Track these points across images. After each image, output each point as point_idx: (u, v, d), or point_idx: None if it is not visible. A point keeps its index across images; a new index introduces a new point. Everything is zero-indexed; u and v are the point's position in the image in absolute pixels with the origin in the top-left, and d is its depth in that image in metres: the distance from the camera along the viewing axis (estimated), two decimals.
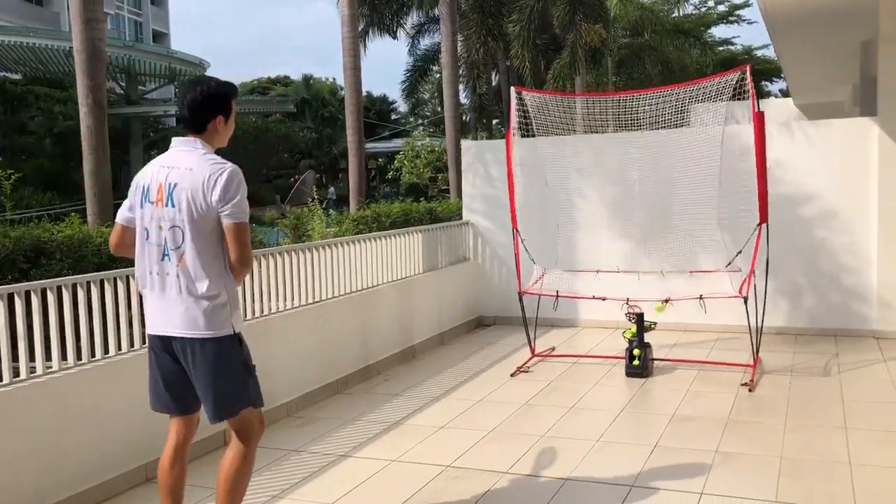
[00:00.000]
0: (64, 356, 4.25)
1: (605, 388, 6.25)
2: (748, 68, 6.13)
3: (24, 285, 4.14)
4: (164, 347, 3.34)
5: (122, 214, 3.46)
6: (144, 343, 4.15)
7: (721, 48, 35.66)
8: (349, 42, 11.51)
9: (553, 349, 7.53)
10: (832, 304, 7.81)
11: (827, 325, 7.81)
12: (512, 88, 7.31)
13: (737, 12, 37.30)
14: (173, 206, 3.22)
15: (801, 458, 4.53)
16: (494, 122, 31.13)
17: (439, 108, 41.84)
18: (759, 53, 38.52)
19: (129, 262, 3.53)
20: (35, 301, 4.12)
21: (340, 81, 56.19)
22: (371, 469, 4.61)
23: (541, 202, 7.68)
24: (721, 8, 36.33)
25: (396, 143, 42.39)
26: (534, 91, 7.54)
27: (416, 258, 7.96)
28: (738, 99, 7.12)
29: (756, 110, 6.09)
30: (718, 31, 38.56)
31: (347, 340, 6.65)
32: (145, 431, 4.41)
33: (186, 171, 3.23)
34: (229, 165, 3.23)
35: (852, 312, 7.74)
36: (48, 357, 4.21)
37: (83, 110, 7.27)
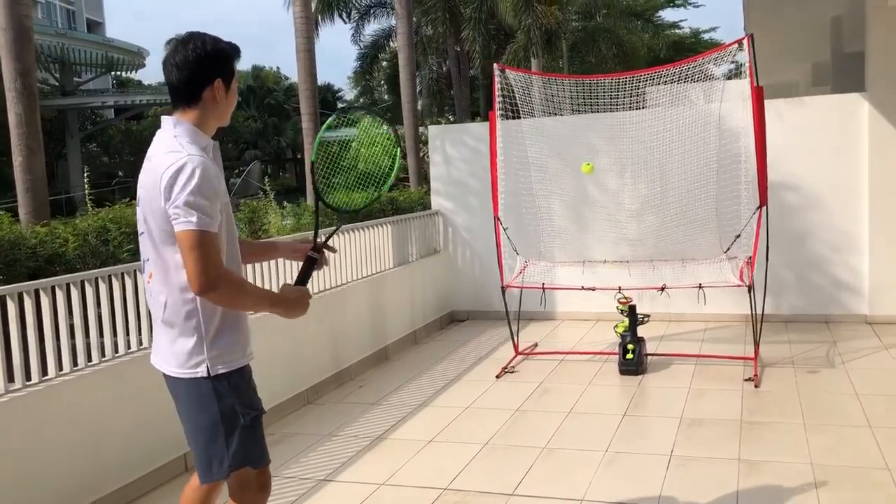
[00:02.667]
0: (102, 352, 4.19)
1: (601, 388, 5.79)
2: (748, 39, 5.70)
3: (52, 280, 3.99)
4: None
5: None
6: None
7: (668, 31, 35.67)
8: (302, 23, 10.81)
9: (536, 346, 7.05)
10: (821, 289, 7.49)
11: (817, 311, 7.49)
12: (495, 66, 6.77)
13: None
14: (139, 207, 2.53)
15: (833, 464, 4.12)
16: (443, 108, 30.61)
17: (386, 96, 41.10)
18: (706, 37, 38.76)
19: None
20: (60, 296, 3.86)
21: (284, 70, 55.03)
22: (358, 496, 4.05)
23: (520, 189, 7.17)
24: None
25: (345, 131, 41.51)
26: (518, 70, 7.00)
27: (386, 252, 7.40)
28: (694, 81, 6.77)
29: (755, 84, 5.66)
30: (665, 15, 38.54)
31: (317, 344, 6.07)
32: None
33: (148, 162, 2.49)
34: (184, 154, 2.37)
35: (843, 298, 7.44)
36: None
37: (10, 96, 6.48)
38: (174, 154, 2.39)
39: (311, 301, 2.62)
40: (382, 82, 37.95)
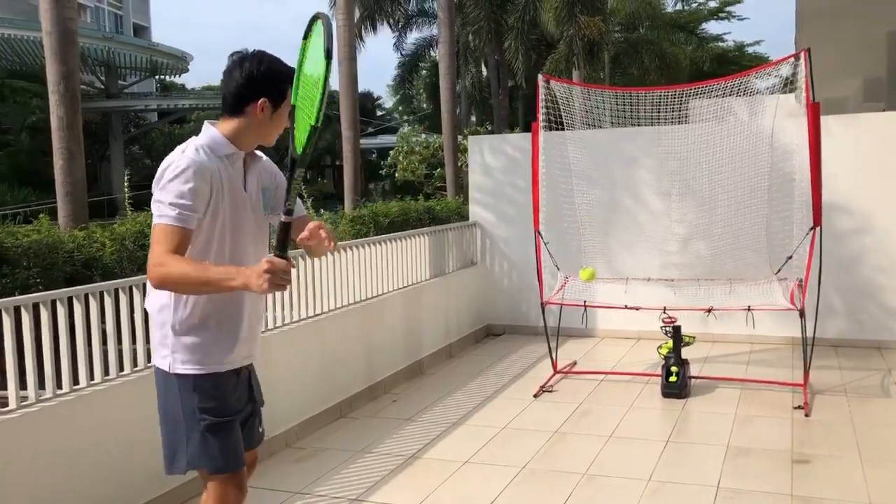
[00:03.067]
0: (134, 362, 4.13)
1: (643, 411, 5.59)
2: (805, 53, 5.48)
3: (85, 287, 3.91)
4: None
5: None
6: None
7: (711, 44, 35.20)
8: (344, 31, 10.77)
9: (574, 364, 6.86)
10: (873, 314, 7.19)
11: (868, 337, 7.19)
12: (539, 76, 6.63)
13: (727, 8, 36.90)
14: None
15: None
16: (482, 118, 30.50)
17: (424, 105, 41.13)
18: (750, 50, 38.22)
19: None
20: (93, 305, 3.85)
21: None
22: None
23: (561, 202, 6.99)
24: (712, 4, 35.86)
25: (383, 139, 41.63)
26: (563, 81, 6.85)
27: (423, 263, 7.27)
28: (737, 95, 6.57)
29: (811, 100, 5.44)
30: (709, 28, 38.04)
31: (351, 357, 5.96)
32: None
33: None
34: (183, 154, 2.45)
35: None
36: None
37: (53, 98, 6.50)
38: (176, 152, 2.49)
39: (291, 273, 2.28)
40: (421, 90, 38.01)
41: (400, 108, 49.31)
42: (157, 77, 35.74)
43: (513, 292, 8.47)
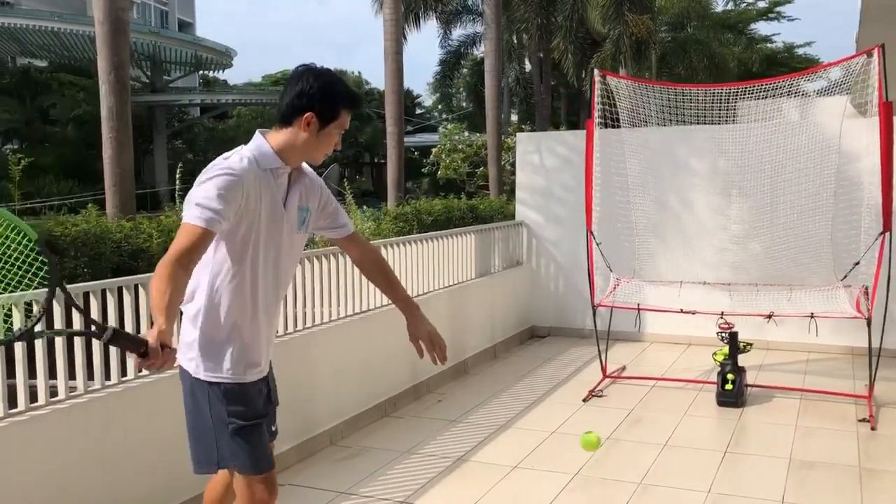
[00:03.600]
0: None
1: (697, 419, 5.39)
2: (878, 50, 5.23)
3: (136, 278, 3.82)
4: None
5: None
6: None
7: (760, 45, 34.52)
8: (391, 25, 10.67)
9: (624, 368, 6.67)
10: None
11: None
12: (595, 71, 6.46)
13: (777, 9, 36.17)
14: None
15: None
16: (524, 117, 30.24)
17: (464, 103, 40.98)
18: (800, 52, 37.40)
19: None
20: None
21: (365, 75, 55.55)
22: None
23: (614, 201, 6.79)
24: (761, 4, 35.19)
25: (422, 137, 41.57)
26: (619, 77, 6.65)
27: (469, 262, 7.13)
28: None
29: (884, 99, 5.19)
30: (758, 28, 37.30)
31: (395, 355, 5.83)
32: None
33: None
34: (220, 158, 2.49)
35: None
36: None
37: (104, 88, 6.48)
38: (220, 158, 2.49)
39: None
40: (461, 89, 37.86)
41: (439, 106, 49.23)
42: (199, 72, 36.13)
43: (559, 294, 8.29)
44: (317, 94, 2.49)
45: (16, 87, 29.38)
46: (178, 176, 8.24)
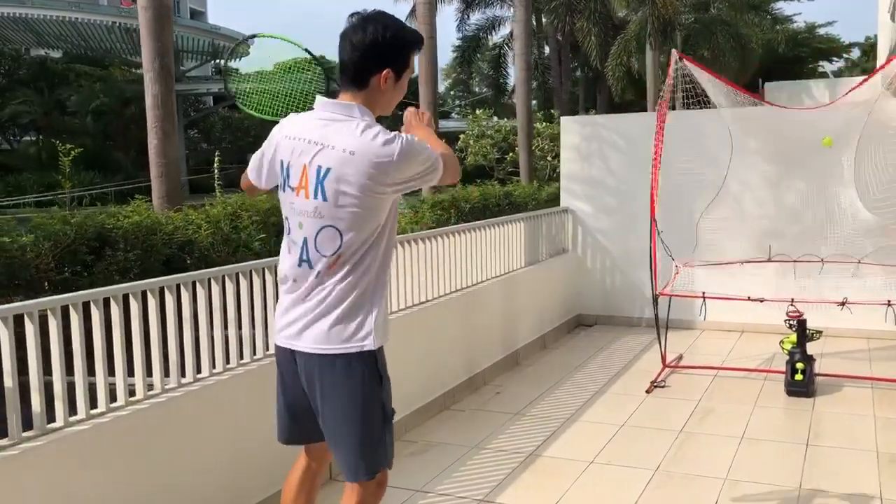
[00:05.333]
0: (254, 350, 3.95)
1: (769, 411, 5.23)
2: None
3: (211, 271, 3.67)
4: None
5: (253, 174, 2.64)
6: None
7: (782, 25, 34.06)
8: (424, 8, 10.47)
9: (681, 357, 6.51)
10: None
11: None
12: (673, 52, 6.27)
13: None
14: (324, 198, 2.34)
15: None
16: (544, 102, 29.95)
17: (476, 89, 40.68)
18: (821, 32, 36.90)
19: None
20: (201, 292, 3.62)
21: None
22: None
23: (670, 187, 6.60)
24: None
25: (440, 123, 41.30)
26: (693, 63, 6.40)
27: (518, 250, 6.97)
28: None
29: None
30: (781, 8, 36.82)
31: (452, 347, 5.70)
32: None
33: (345, 153, 2.31)
34: (397, 136, 2.33)
35: None
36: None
37: (148, 76, 6.33)
38: (382, 132, 2.33)
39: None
40: (473, 74, 37.57)
41: (452, 92, 48.97)
42: (213, 61, 35.93)
43: (605, 282, 8.13)
44: (389, 47, 2.34)
45: (32, 78, 29.35)
46: (216, 164, 8.12)
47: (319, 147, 2.34)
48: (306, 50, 2.76)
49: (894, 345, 6.72)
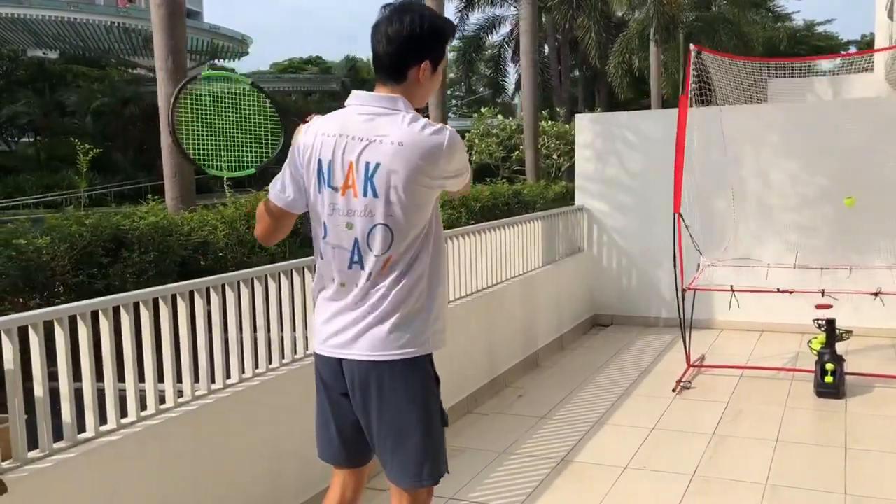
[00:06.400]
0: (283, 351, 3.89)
1: (801, 412, 5.12)
2: None
3: (239, 274, 3.54)
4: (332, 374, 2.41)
5: (281, 196, 2.38)
6: None
7: (779, 24, 34.02)
8: (435, 5, 10.36)
9: (703, 358, 6.40)
10: None
11: None
12: (691, 46, 6.17)
13: None
14: (375, 195, 2.22)
15: None
16: (544, 101, 29.84)
17: (472, 88, 40.57)
18: (820, 30, 36.90)
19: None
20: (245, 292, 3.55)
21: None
22: None
23: (690, 184, 6.50)
24: None
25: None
26: (714, 53, 6.33)
27: (535, 250, 6.86)
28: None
29: None
30: (784, 6, 36.76)
31: (474, 349, 5.59)
32: None
33: (393, 145, 2.19)
34: (446, 129, 2.24)
35: None
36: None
37: (161, 76, 6.21)
38: (433, 126, 2.24)
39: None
40: (470, 73, 37.42)
41: (449, 91, 48.86)
42: (211, 61, 35.77)
43: (622, 281, 8.02)
44: (427, 39, 2.25)
45: (30, 79, 29.15)
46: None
47: (366, 142, 2.22)
48: (253, 84, 2.56)
49: None
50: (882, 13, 20.56)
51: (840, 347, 5.75)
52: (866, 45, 39.93)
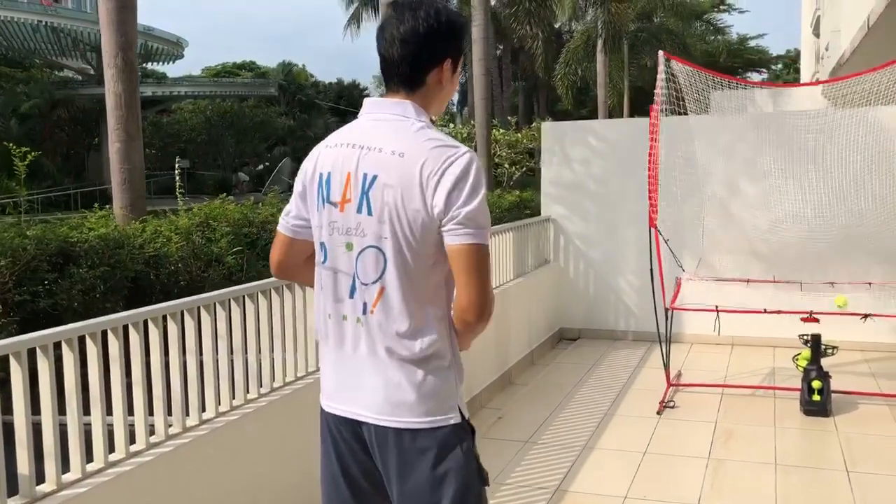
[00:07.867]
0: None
1: (792, 432, 4.97)
2: None
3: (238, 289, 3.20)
4: (353, 434, 1.97)
5: (285, 221, 2.05)
6: None
7: (720, 37, 34.79)
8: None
9: (679, 375, 6.23)
10: None
11: None
12: (660, 53, 5.99)
13: (728, 1, 36.55)
14: (370, 212, 1.84)
15: None
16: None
17: None
18: (752, 44, 37.89)
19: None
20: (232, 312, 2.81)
21: (310, 68, 54.34)
22: None
23: (664, 195, 6.33)
24: None
25: None
26: (683, 62, 6.16)
27: (507, 262, 6.59)
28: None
29: None
30: (724, 19, 37.69)
31: None
32: None
33: (393, 156, 1.83)
34: (464, 149, 1.83)
35: None
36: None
37: (109, 73, 5.71)
38: (451, 147, 1.82)
39: None
40: None
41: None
42: (142, 65, 34.66)
43: (589, 293, 7.83)
44: (447, 35, 1.91)
45: None
46: (177, 171, 7.45)
47: (364, 150, 1.87)
48: None
49: (887, 357, 6.59)
50: (808, 29, 21.22)
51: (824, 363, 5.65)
52: (791, 60, 41.28)
